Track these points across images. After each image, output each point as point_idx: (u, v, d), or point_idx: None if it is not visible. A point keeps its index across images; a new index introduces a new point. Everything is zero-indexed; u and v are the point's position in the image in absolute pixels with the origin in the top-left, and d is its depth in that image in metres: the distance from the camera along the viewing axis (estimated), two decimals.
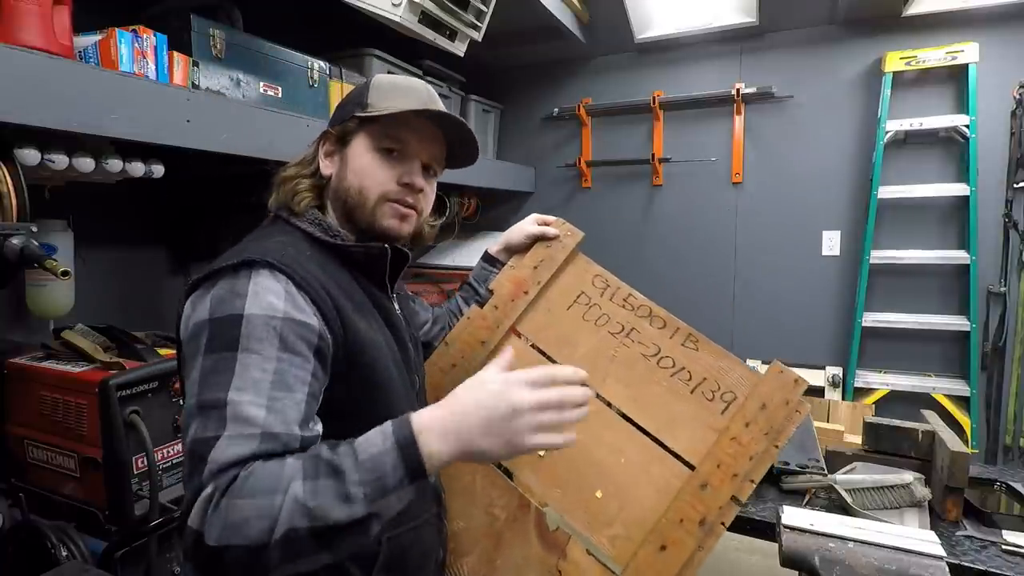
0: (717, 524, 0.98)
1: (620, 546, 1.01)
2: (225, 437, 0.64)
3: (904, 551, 1.12)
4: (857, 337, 2.77)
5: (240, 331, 0.69)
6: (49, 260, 1.20)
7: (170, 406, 1.43)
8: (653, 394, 1.10)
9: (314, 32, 2.29)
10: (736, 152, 3.05)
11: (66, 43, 1.30)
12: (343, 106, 0.95)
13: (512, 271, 1.25)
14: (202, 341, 0.70)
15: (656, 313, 1.17)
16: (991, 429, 2.65)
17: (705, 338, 1.12)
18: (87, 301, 1.80)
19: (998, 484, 1.56)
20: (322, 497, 0.60)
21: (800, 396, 1.02)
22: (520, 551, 1.06)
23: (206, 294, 0.73)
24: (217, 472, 0.62)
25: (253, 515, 0.59)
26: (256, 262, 0.74)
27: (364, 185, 0.88)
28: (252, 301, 0.71)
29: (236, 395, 0.66)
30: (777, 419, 1.01)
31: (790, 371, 1.04)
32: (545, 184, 3.48)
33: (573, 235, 1.25)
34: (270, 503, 0.60)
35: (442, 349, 1.20)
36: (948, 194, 2.64)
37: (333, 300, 0.79)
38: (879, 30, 2.74)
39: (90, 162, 1.44)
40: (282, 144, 1.73)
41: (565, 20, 2.80)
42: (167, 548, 1.39)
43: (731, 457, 1.00)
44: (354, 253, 0.88)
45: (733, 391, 1.06)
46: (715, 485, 0.99)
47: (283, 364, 0.69)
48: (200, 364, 0.69)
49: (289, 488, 0.60)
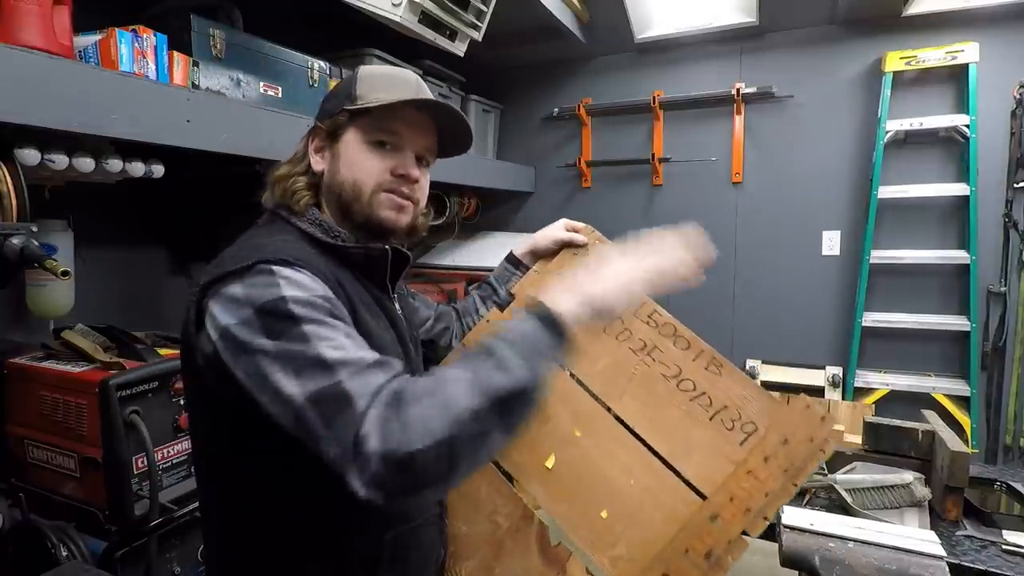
0: (725, 558, 0.94)
1: (622, 568, 0.99)
2: (347, 377, 0.64)
3: (904, 551, 1.12)
4: (857, 337, 2.77)
5: (290, 310, 0.68)
6: (49, 260, 1.20)
7: (170, 406, 1.43)
8: (670, 417, 1.06)
9: (314, 32, 2.29)
10: (736, 152, 3.05)
11: (66, 43, 1.30)
12: (330, 99, 0.93)
13: (536, 276, 1.22)
14: (255, 330, 0.68)
15: (680, 333, 1.12)
16: (991, 429, 2.65)
17: (730, 364, 1.08)
18: (87, 301, 1.80)
19: (998, 484, 1.56)
20: (488, 373, 0.64)
21: (826, 435, 0.95)
22: (520, 562, 1.05)
23: (233, 293, 0.71)
24: (372, 397, 0.62)
25: (433, 413, 0.61)
26: (271, 261, 0.73)
27: (358, 178, 0.87)
28: (287, 287, 0.70)
29: (330, 350, 0.66)
30: (799, 456, 0.95)
31: (817, 407, 0.98)
32: (545, 184, 3.48)
33: (602, 244, 1.22)
34: (444, 398, 0.62)
35: (458, 351, 1.18)
36: (948, 194, 2.64)
37: (344, 290, 0.79)
38: (879, 30, 2.74)
39: (90, 162, 1.44)
40: (282, 144, 1.72)
41: (565, 20, 2.80)
42: (167, 548, 1.39)
43: (746, 492, 0.95)
44: (354, 255, 0.87)
45: (754, 422, 1.01)
46: (726, 518, 0.95)
47: (345, 328, 0.71)
48: (268, 347, 0.67)
49: (458, 378, 0.64)
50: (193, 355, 0.77)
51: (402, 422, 0.60)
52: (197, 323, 0.75)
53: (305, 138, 0.94)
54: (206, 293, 0.74)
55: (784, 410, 1.00)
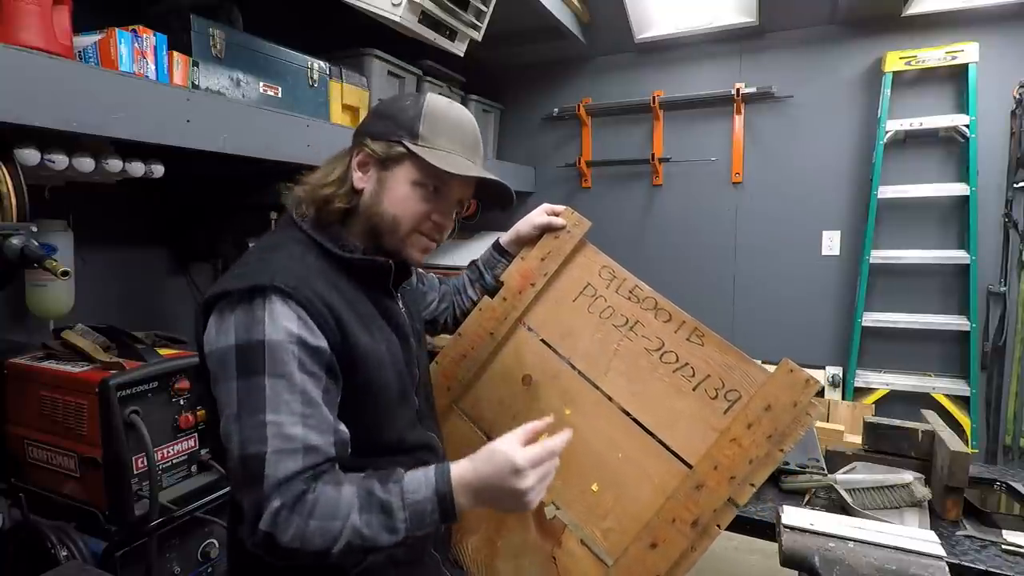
0: (712, 526, 0.96)
1: (613, 539, 1.02)
2: (273, 453, 0.75)
3: (904, 551, 1.12)
4: (857, 337, 2.77)
5: (265, 356, 0.77)
6: (49, 260, 1.20)
7: (170, 406, 1.43)
8: (654, 390, 1.09)
9: (314, 32, 2.29)
10: (736, 152, 3.05)
11: (66, 43, 1.30)
12: (388, 119, 0.92)
13: (521, 263, 1.26)
14: (231, 365, 0.78)
15: (662, 306, 1.15)
16: (991, 429, 2.65)
17: (712, 333, 1.10)
18: (87, 301, 1.80)
19: (998, 484, 1.56)
20: (374, 528, 0.76)
21: (811, 398, 0.97)
22: (519, 536, 1.09)
23: (227, 317, 0.80)
24: (278, 486, 0.74)
25: (318, 533, 0.74)
26: (266, 288, 0.79)
27: (398, 215, 0.91)
28: (271, 327, 0.78)
29: (274, 416, 0.76)
30: (783, 422, 0.96)
31: (801, 371, 0.99)
32: (545, 184, 3.48)
33: (581, 224, 1.24)
34: (332, 527, 0.75)
35: (455, 339, 1.23)
36: (948, 194, 2.64)
37: (336, 315, 0.83)
38: (879, 30, 2.74)
39: (90, 162, 1.44)
40: (282, 144, 1.73)
41: (565, 20, 2.81)
42: (167, 548, 1.39)
43: (729, 459, 0.97)
44: (359, 268, 0.91)
45: (738, 390, 1.04)
46: (711, 487, 0.97)
47: (306, 384, 0.79)
48: (235, 387, 0.77)
49: (349, 517, 0.75)
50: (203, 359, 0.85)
51: (292, 523, 0.74)
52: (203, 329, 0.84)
53: (350, 152, 0.94)
54: (210, 306, 0.82)
55: (767, 376, 1.01)
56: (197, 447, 1.48)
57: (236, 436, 0.76)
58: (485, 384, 1.21)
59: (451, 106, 0.95)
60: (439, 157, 0.89)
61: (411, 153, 0.89)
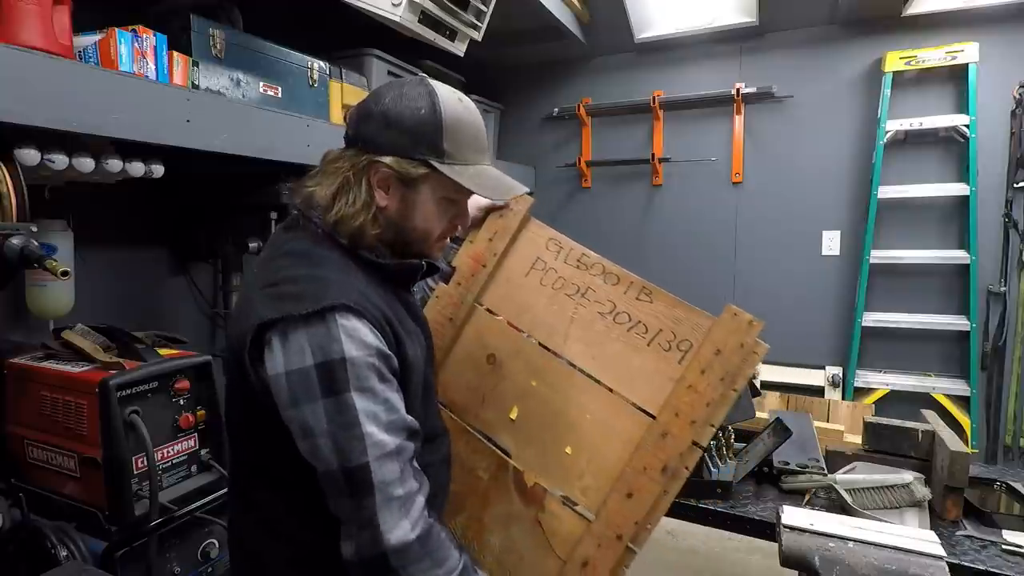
0: (680, 469, 1.01)
1: (591, 496, 1.07)
2: (374, 460, 0.80)
3: (904, 551, 1.12)
4: (857, 337, 2.77)
5: (347, 373, 0.80)
6: (49, 260, 1.20)
7: (170, 406, 1.43)
8: (612, 351, 1.13)
9: (314, 32, 2.29)
10: (736, 152, 3.05)
11: (66, 43, 1.30)
12: (402, 131, 0.87)
13: (470, 246, 1.28)
14: (314, 386, 0.79)
15: (609, 270, 1.18)
16: (991, 429, 2.65)
17: (660, 289, 1.13)
18: (87, 301, 1.80)
19: (998, 484, 1.56)
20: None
21: (755, 337, 1.02)
22: (504, 507, 1.14)
23: (294, 339, 0.80)
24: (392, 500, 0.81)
25: (429, 566, 0.83)
26: (335, 307, 0.81)
27: (427, 229, 0.94)
28: (348, 344, 0.80)
29: (367, 428, 0.80)
30: (732, 363, 1.02)
31: (744, 313, 1.04)
32: (545, 184, 3.48)
33: (523, 201, 1.26)
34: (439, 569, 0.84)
35: None
36: (948, 194, 2.64)
37: (391, 325, 0.87)
38: (879, 30, 2.74)
39: (90, 162, 1.44)
40: (282, 144, 1.73)
41: (565, 20, 2.81)
42: (167, 548, 1.39)
43: (688, 405, 1.02)
44: (395, 271, 0.94)
45: (689, 339, 1.08)
46: (675, 433, 1.02)
47: (386, 392, 0.83)
48: (322, 406, 0.80)
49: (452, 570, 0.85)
50: (245, 374, 0.84)
51: (414, 552, 0.81)
52: (254, 349, 0.83)
53: (366, 171, 0.89)
54: (269, 327, 0.81)
55: (713, 322, 1.06)
56: (197, 447, 1.48)
57: (334, 452, 0.79)
58: (451, 369, 1.24)
59: (465, 107, 0.91)
60: (470, 177, 0.90)
61: (438, 171, 0.88)
